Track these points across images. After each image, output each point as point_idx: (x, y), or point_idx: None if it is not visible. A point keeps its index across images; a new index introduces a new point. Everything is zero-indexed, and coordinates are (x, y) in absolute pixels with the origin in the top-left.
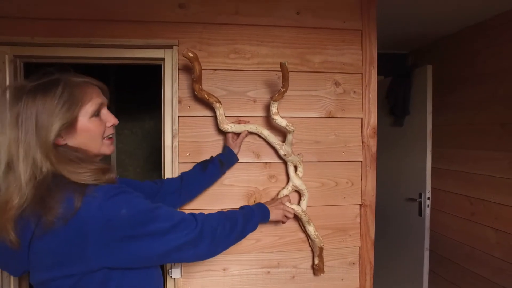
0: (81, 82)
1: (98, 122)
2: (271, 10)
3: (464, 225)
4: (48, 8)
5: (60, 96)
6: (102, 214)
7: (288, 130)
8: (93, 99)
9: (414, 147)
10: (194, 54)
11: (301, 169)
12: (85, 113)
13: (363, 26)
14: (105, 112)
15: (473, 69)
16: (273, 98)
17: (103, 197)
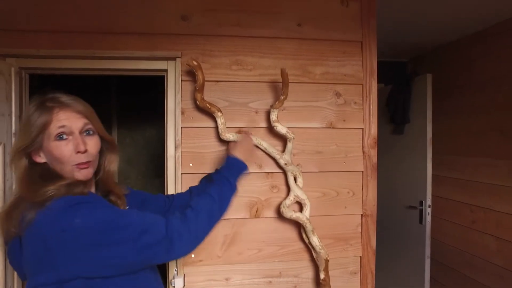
0: (53, 106)
1: (63, 147)
2: (272, 22)
3: (465, 232)
4: (53, 21)
5: (29, 117)
6: (57, 224)
7: (288, 137)
8: (57, 123)
9: (414, 155)
10: (197, 63)
11: (300, 179)
12: (48, 136)
13: (363, 38)
14: (72, 138)
15: (471, 76)
16: (273, 106)
17: (59, 208)
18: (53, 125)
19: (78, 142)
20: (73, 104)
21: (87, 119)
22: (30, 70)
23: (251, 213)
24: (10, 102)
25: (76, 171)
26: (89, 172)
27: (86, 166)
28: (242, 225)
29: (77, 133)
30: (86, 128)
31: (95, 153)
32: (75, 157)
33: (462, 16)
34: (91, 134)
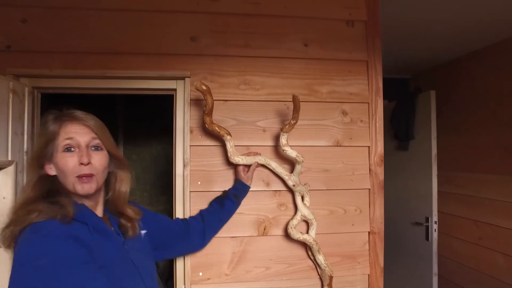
0: (64, 118)
1: (68, 158)
2: (279, 43)
3: (472, 249)
4: (65, 42)
5: (43, 129)
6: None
7: (298, 161)
8: (64, 135)
9: (419, 171)
10: (206, 87)
11: (308, 198)
12: (56, 147)
13: (368, 57)
14: (78, 150)
15: (474, 93)
16: (283, 129)
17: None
18: (61, 136)
19: (82, 154)
20: (83, 119)
21: (96, 134)
22: (43, 90)
23: (259, 231)
24: (23, 121)
25: (77, 184)
26: (90, 187)
27: (87, 180)
28: (250, 243)
29: (83, 146)
30: (94, 143)
31: (99, 167)
32: (78, 168)
33: (463, 35)
34: (99, 149)
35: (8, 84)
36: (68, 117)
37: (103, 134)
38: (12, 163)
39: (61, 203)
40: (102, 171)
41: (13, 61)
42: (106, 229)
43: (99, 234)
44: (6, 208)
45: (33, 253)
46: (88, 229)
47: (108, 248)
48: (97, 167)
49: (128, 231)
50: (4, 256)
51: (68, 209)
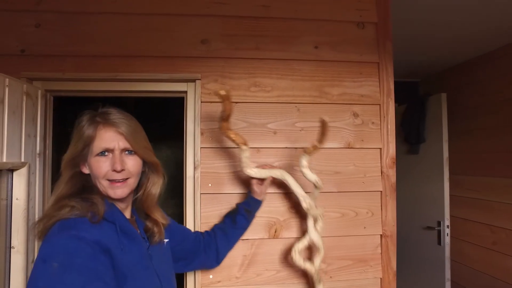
0: (99, 122)
1: (102, 164)
2: (290, 45)
3: (486, 254)
4: (78, 46)
5: (79, 129)
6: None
7: (317, 186)
8: (99, 142)
9: (430, 175)
10: (226, 93)
11: (321, 223)
12: (91, 151)
13: (380, 59)
14: (112, 155)
15: (485, 97)
16: (306, 150)
17: (50, 233)
18: (96, 142)
19: (115, 161)
20: (118, 124)
21: (128, 140)
22: (55, 93)
23: (269, 234)
24: (36, 124)
25: (109, 188)
26: (123, 192)
27: (120, 185)
28: (261, 246)
29: (117, 152)
30: (127, 149)
31: (134, 172)
32: (110, 174)
33: (474, 37)
34: (133, 153)
35: (22, 87)
36: (103, 120)
37: (136, 139)
38: (25, 165)
39: (93, 200)
40: (136, 175)
41: (27, 65)
42: (133, 232)
43: (125, 236)
44: (19, 210)
45: (56, 253)
46: (115, 230)
47: (132, 251)
48: (131, 171)
49: (154, 236)
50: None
51: (100, 207)
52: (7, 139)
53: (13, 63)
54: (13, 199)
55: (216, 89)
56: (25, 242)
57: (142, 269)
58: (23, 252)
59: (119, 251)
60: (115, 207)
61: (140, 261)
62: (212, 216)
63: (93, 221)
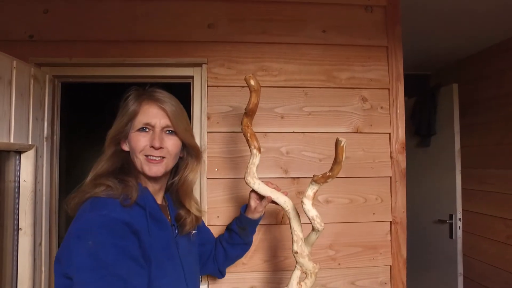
0: (144, 98)
1: (141, 138)
2: (297, 29)
3: (500, 249)
4: (85, 31)
5: (124, 105)
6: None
7: (314, 227)
8: (142, 117)
9: (442, 167)
10: (256, 83)
11: (310, 281)
12: (133, 126)
13: (388, 43)
14: (152, 132)
15: (499, 89)
16: (315, 178)
17: (83, 208)
18: (139, 118)
19: (154, 137)
20: (162, 101)
21: (170, 119)
22: (63, 79)
23: (277, 220)
24: (44, 108)
25: (145, 164)
26: (158, 170)
27: (156, 162)
28: (268, 232)
29: (158, 129)
30: (168, 128)
31: (172, 152)
32: (148, 149)
33: (488, 25)
34: (173, 134)
35: (29, 70)
36: (148, 96)
37: (178, 120)
38: (32, 147)
39: (129, 183)
40: (173, 156)
41: (35, 50)
42: (162, 218)
43: (154, 221)
44: (27, 192)
45: (90, 230)
46: (144, 214)
47: (159, 238)
48: (169, 150)
49: (185, 225)
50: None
51: (133, 192)
52: (15, 121)
53: (21, 48)
54: (20, 181)
55: (246, 78)
56: (33, 224)
57: (166, 257)
58: (31, 234)
59: (146, 235)
60: (147, 192)
61: (166, 249)
62: (218, 201)
63: (124, 204)
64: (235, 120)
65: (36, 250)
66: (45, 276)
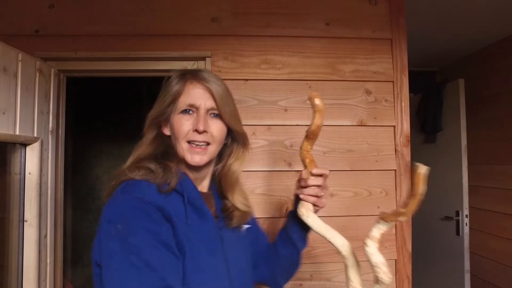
0: (189, 77)
1: (184, 121)
2: (301, 22)
3: (508, 246)
4: (90, 26)
5: (167, 85)
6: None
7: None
8: (186, 98)
9: (448, 164)
10: (321, 103)
11: None
12: (176, 108)
13: (393, 35)
14: (196, 115)
15: (506, 84)
16: (383, 216)
17: (116, 192)
18: (182, 98)
19: (199, 120)
20: (208, 81)
21: (215, 100)
22: (68, 73)
23: (280, 213)
24: (49, 101)
25: (188, 152)
26: (201, 159)
27: (199, 150)
28: (272, 225)
29: (202, 111)
30: (213, 111)
31: (216, 137)
32: (192, 134)
33: (494, 20)
34: (218, 117)
35: (35, 63)
36: (193, 75)
37: (225, 103)
38: (37, 140)
39: (171, 169)
40: (218, 142)
41: (41, 45)
42: (203, 207)
43: (194, 210)
44: (32, 184)
45: (121, 214)
46: (182, 202)
47: (198, 228)
48: (213, 135)
49: (233, 218)
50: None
51: (173, 178)
52: (20, 113)
53: (27, 43)
54: (26, 173)
55: (310, 96)
56: (38, 215)
57: (205, 249)
58: (36, 226)
59: (182, 223)
60: (186, 178)
61: (205, 240)
62: None
63: (161, 190)
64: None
65: (42, 241)
66: (50, 267)
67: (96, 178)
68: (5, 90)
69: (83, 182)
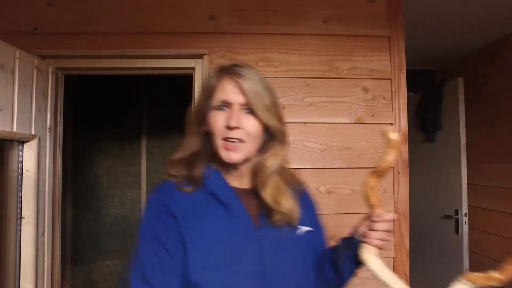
0: (225, 73)
1: (218, 117)
2: (299, 20)
3: (508, 244)
4: (88, 24)
5: (204, 83)
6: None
7: None
8: (219, 94)
9: (448, 162)
10: (397, 138)
11: None
12: (211, 104)
13: (391, 33)
14: (230, 110)
15: (506, 82)
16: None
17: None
18: (216, 94)
19: (231, 116)
20: (241, 77)
21: (246, 97)
22: (66, 71)
23: None
24: (47, 99)
25: (222, 149)
26: (236, 157)
27: (233, 147)
28: None
29: (236, 106)
30: (246, 106)
31: (251, 134)
32: (225, 131)
33: (494, 19)
34: (252, 113)
35: (32, 61)
36: (227, 70)
37: (257, 98)
38: (35, 137)
39: (193, 173)
40: (253, 139)
41: (39, 42)
42: (230, 203)
43: (220, 206)
44: (30, 181)
45: (145, 208)
46: (206, 197)
47: (222, 224)
48: (248, 132)
49: (272, 215)
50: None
51: (195, 181)
52: (18, 110)
53: (25, 41)
54: (23, 170)
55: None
56: (35, 213)
57: (222, 247)
58: (33, 223)
59: (188, 219)
60: (215, 175)
61: (226, 238)
62: None
63: (179, 188)
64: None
65: (39, 239)
66: (48, 265)
67: (96, 178)
68: (2, 87)
69: (83, 181)
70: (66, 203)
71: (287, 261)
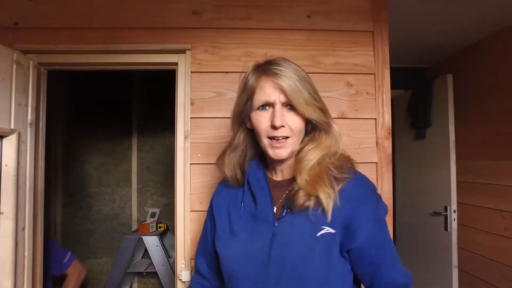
0: (263, 72)
1: (262, 118)
2: (282, 15)
3: (497, 241)
4: (70, 18)
5: (244, 82)
6: None
7: None
8: (259, 95)
9: (437, 159)
10: None
11: None
12: (253, 104)
13: (374, 28)
14: (273, 110)
15: (496, 78)
16: None
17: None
18: (257, 95)
19: (275, 116)
20: (278, 75)
21: (287, 95)
22: (49, 66)
23: None
24: (27, 94)
25: (269, 148)
26: (282, 153)
27: (279, 145)
28: None
29: (278, 105)
30: (288, 103)
31: (295, 130)
32: (270, 130)
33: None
34: (294, 109)
35: (12, 55)
36: (264, 70)
37: (297, 94)
38: (14, 132)
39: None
40: (297, 134)
41: (20, 37)
42: (256, 192)
43: (251, 197)
44: (9, 176)
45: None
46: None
47: (244, 211)
48: (292, 128)
49: (294, 200)
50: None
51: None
52: None
53: (6, 35)
54: (2, 165)
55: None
56: (15, 208)
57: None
58: (12, 218)
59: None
60: (254, 168)
61: (247, 223)
62: (202, 187)
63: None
64: (219, 106)
65: (19, 234)
66: (28, 260)
67: (86, 175)
68: None
69: (74, 179)
70: (57, 200)
71: (292, 256)
